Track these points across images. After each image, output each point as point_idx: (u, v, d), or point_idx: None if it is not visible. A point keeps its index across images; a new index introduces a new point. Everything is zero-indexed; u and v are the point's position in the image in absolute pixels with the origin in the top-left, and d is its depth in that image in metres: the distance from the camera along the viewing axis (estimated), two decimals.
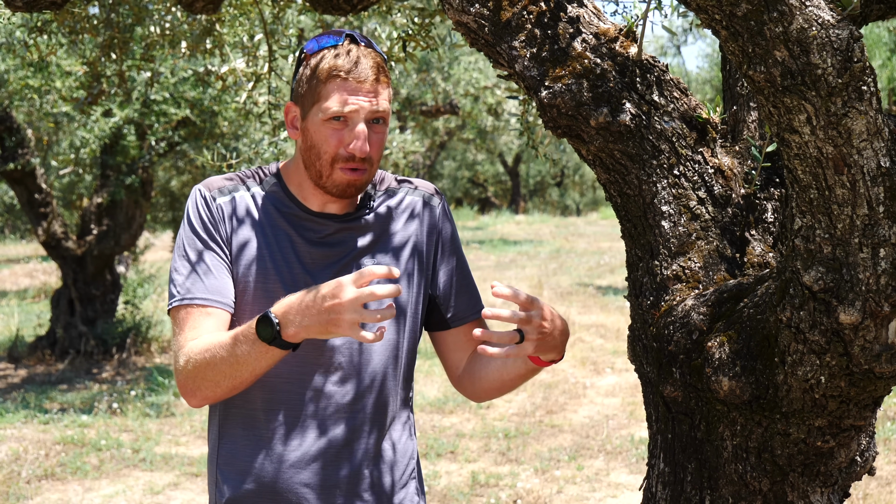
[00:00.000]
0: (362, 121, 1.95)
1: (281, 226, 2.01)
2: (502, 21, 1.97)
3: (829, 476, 1.91)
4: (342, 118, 1.94)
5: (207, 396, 1.93)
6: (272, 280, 1.98)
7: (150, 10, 4.41)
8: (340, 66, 1.94)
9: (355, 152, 1.94)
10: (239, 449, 2.00)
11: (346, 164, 1.95)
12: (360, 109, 1.94)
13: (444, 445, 6.51)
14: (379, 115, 1.96)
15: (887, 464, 5.85)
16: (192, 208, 2.01)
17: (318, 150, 1.96)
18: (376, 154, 1.99)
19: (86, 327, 9.47)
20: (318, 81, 1.96)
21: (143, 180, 9.37)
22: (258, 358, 1.85)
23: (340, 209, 2.04)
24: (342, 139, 1.94)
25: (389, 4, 4.07)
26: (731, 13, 1.60)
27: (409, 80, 12.45)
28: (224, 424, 2.03)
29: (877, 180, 1.61)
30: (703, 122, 2.04)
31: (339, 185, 1.97)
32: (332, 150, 1.95)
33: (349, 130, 1.94)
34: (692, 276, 1.98)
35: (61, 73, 7.23)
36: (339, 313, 1.77)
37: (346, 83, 1.94)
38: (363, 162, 1.96)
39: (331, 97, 1.94)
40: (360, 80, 1.94)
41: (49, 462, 6.23)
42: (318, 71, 1.96)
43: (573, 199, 35.39)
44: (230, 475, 2.01)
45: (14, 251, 20.57)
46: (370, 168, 1.98)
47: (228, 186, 2.03)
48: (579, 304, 12.12)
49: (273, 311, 1.83)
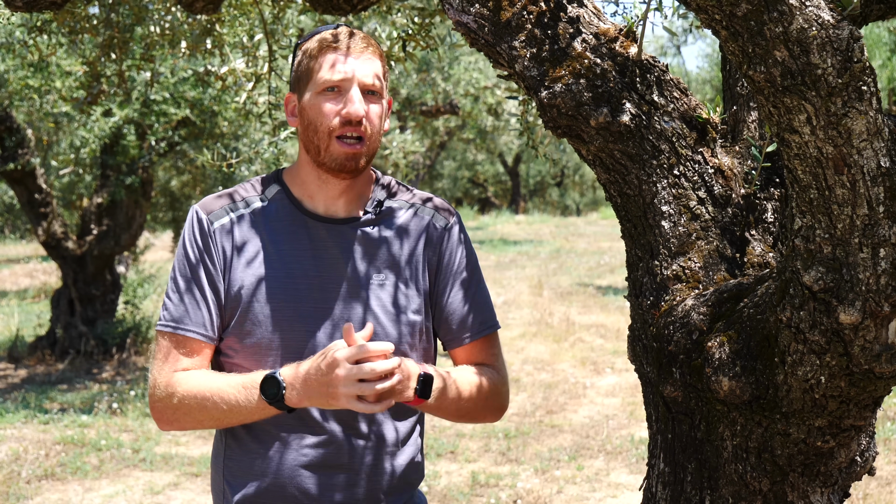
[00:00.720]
0: (356, 85, 1.95)
1: (284, 239, 1.99)
2: (502, 21, 1.97)
3: (829, 476, 1.91)
4: (335, 88, 1.95)
5: (185, 428, 1.99)
6: (276, 299, 1.97)
7: (150, 9, 4.41)
8: (330, 40, 1.97)
9: (350, 115, 1.93)
10: (244, 453, 2.00)
11: (342, 131, 1.94)
12: (353, 76, 1.95)
13: (444, 445, 6.51)
14: (371, 87, 1.96)
15: (887, 464, 5.85)
16: (187, 232, 2.00)
17: (315, 124, 1.96)
18: (373, 125, 1.97)
19: (86, 327, 9.47)
20: (311, 58, 1.98)
21: (143, 180, 9.37)
22: (253, 411, 1.90)
23: (346, 211, 2.02)
24: (337, 108, 1.95)
25: (389, 4, 4.07)
26: (731, 13, 1.60)
27: (409, 80, 12.45)
28: (230, 429, 2.03)
29: (877, 180, 1.61)
30: (703, 122, 2.04)
31: (338, 157, 1.96)
32: (328, 121, 1.95)
33: (344, 98, 1.95)
34: (692, 276, 1.98)
35: (61, 73, 7.23)
36: (336, 387, 1.81)
37: (336, 52, 1.96)
38: (360, 128, 1.95)
39: (323, 67, 1.96)
40: (351, 50, 1.96)
41: (49, 462, 6.23)
42: (311, 50, 1.99)
43: (573, 199, 35.40)
44: (236, 479, 2.00)
45: (14, 251, 20.57)
46: (368, 141, 1.97)
47: (227, 207, 2.01)
48: (579, 304, 12.12)
49: (281, 374, 1.87)
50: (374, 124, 1.97)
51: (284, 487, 1.97)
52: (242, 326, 1.97)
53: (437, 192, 31.47)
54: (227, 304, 1.98)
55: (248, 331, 1.97)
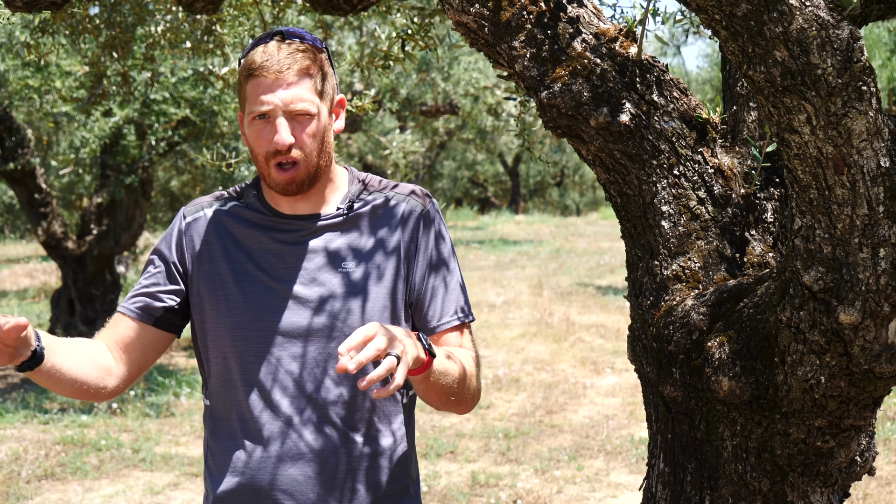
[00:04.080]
0: (281, 115, 1.94)
1: (252, 236, 2.03)
2: (502, 21, 1.97)
3: (829, 476, 1.91)
4: (265, 115, 1.95)
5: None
6: (241, 291, 1.99)
7: (150, 9, 4.41)
8: (254, 64, 1.95)
9: (277, 145, 1.93)
10: (225, 449, 2.02)
11: (276, 160, 1.95)
12: (276, 106, 1.93)
13: (444, 445, 6.51)
14: (298, 111, 1.94)
15: (887, 464, 5.85)
16: (169, 227, 2.09)
17: (254, 151, 1.99)
18: (306, 147, 1.96)
19: (86, 327, 9.47)
20: (241, 84, 1.99)
21: (143, 180, 9.37)
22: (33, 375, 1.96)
23: (310, 209, 2.03)
24: (268, 136, 1.95)
25: (389, 4, 4.07)
26: (731, 13, 1.60)
27: (409, 80, 12.44)
28: (213, 425, 2.05)
29: (877, 180, 1.61)
30: (703, 122, 2.04)
31: (279, 183, 1.97)
32: (262, 150, 1.96)
33: (272, 126, 1.94)
34: (692, 276, 1.98)
35: (61, 73, 7.23)
36: None
37: (260, 80, 1.94)
38: (290, 155, 1.94)
39: (250, 97, 1.95)
40: (275, 75, 1.93)
41: (49, 462, 6.23)
42: (240, 73, 1.99)
43: (573, 199, 35.40)
44: (217, 474, 2.02)
45: (14, 251, 20.57)
46: (304, 164, 1.96)
47: (204, 204, 2.08)
48: (579, 304, 12.12)
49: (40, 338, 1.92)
50: (308, 145, 1.97)
51: (261, 482, 1.98)
52: (212, 318, 2.01)
53: (437, 192, 31.47)
54: (191, 296, 2.03)
55: (216, 322, 2.00)
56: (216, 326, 2.00)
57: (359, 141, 18.94)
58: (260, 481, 1.98)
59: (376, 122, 15.54)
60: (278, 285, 1.99)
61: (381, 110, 12.48)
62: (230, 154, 7.13)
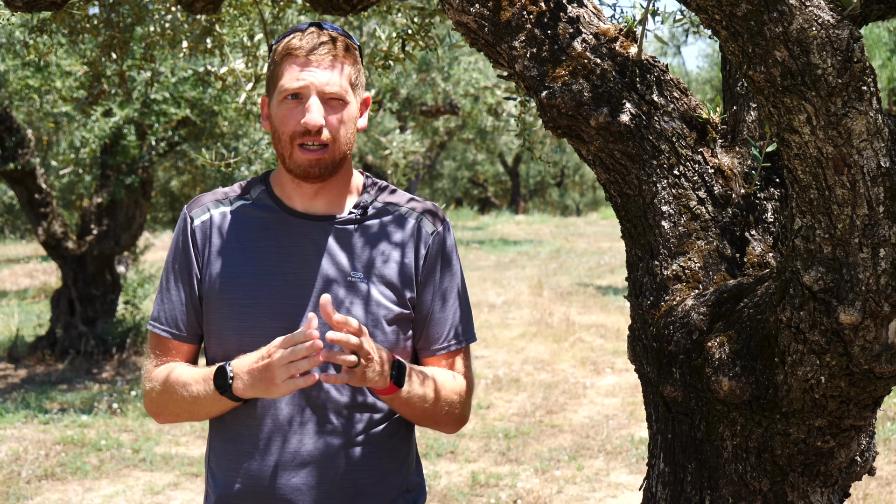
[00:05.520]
0: (315, 94, 1.94)
1: (260, 235, 2.01)
2: (502, 21, 1.97)
3: (829, 476, 1.91)
4: (298, 96, 1.95)
5: (170, 420, 2.08)
6: (248, 294, 1.99)
7: (150, 9, 4.41)
8: (294, 45, 1.96)
9: (308, 125, 1.92)
10: (227, 451, 2.02)
11: (303, 139, 1.95)
12: (311, 84, 1.94)
13: (444, 445, 6.51)
14: (332, 94, 1.95)
15: (887, 464, 5.85)
16: (175, 231, 2.07)
17: (279, 131, 1.97)
18: (336, 132, 1.96)
19: (86, 327, 9.47)
20: (276, 64, 1.98)
21: (143, 180, 9.37)
22: (212, 403, 1.97)
23: (324, 208, 2.02)
24: (297, 116, 1.95)
25: (389, 4, 4.07)
26: (731, 13, 1.60)
27: (409, 80, 12.45)
28: (216, 426, 2.05)
29: (877, 180, 1.61)
30: (703, 122, 2.04)
31: (301, 164, 1.96)
32: (289, 129, 1.95)
33: (303, 107, 1.94)
34: (692, 276, 1.98)
35: (61, 73, 7.23)
36: (272, 371, 1.85)
37: (298, 59, 1.95)
38: (319, 137, 1.94)
39: (284, 75, 1.96)
40: (313, 56, 1.95)
41: (49, 462, 6.23)
42: (276, 54, 1.99)
43: (573, 199, 35.41)
44: (218, 476, 2.02)
45: (14, 251, 20.57)
46: (332, 148, 1.96)
47: (210, 204, 2.06)
48: (579, 304, 12.12)
49: (231, 365, 1.92)
50: (338, 130, 1.97)
51: (261, 487, 1.97)
52: (217, 321, 2.00)
53: (437, 192, 31.48)
54: (202, 299, 2.02)
55: (222, 326, 2.00)
56: (221, 330, 2.00)
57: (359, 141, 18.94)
58: (260, 486, 1.98)
59: (376, 122, 15.55)
60: (285, 290, 1.98)
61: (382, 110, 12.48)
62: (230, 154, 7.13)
